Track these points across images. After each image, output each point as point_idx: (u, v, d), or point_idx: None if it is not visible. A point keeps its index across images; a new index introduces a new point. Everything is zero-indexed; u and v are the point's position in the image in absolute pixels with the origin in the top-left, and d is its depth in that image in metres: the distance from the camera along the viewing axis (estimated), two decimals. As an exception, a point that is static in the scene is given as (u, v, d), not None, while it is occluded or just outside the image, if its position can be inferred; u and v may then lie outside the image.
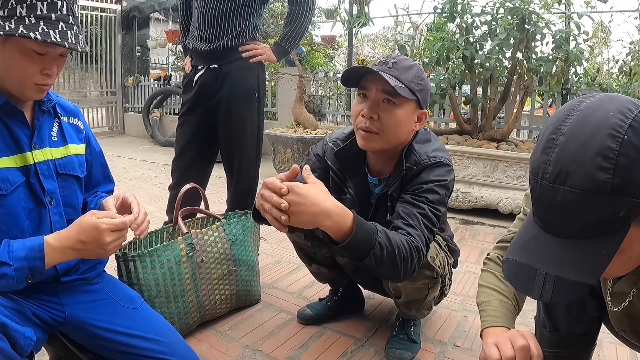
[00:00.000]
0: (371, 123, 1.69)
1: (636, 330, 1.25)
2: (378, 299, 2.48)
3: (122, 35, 9.63)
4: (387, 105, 1.67)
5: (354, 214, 1.40)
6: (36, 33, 1.28)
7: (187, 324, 2.06)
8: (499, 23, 4.31)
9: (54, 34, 1.31)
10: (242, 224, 2.25)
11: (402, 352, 1.98)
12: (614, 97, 0.89)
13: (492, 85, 4.59)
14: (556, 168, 0.85)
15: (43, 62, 1.35)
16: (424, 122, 1.79)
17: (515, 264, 0.96)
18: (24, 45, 1.30)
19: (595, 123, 0.84)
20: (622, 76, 5.43)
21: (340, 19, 6.60)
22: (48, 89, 1.44)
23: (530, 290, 0.93)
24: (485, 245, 3.46)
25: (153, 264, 1.90)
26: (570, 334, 1.48)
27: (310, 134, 5.49)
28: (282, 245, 3.29)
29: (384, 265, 1.45)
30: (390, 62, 1.67)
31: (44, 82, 1.38)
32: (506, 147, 4.37)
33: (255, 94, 2.72)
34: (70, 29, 1.35)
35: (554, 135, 0.87)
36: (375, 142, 1.73)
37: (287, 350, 2.04)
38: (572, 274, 0.87)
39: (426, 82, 1.73)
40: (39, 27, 1.29)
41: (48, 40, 1.29)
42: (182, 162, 2.81)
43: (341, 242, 1.38)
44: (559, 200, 0.85)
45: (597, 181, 0.80)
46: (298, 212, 1.30)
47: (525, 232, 0.98)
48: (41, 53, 1.33)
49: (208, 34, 2.63)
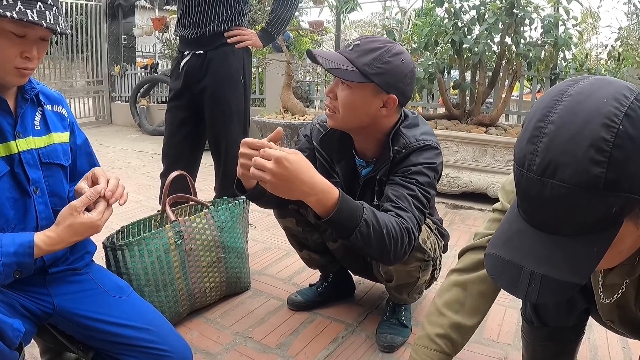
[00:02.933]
0: (330, 102, 1.71)
1: (625, 321, 1.24)
2: (368, 284, 2.48)
3: (107, 24, 9.53)
4: (343, 87, 1.67)
5: (340, 191, 1.39)
6: (12, 12, 1.22)
7: (177, 312, 2.05)
8: (487, 8, 4.30)
9: (31, 14, 1.25)
10: (231, 210, 2.24)
11: (393, 336, 1.99)
12: (607, 81, 0.81)
13: (481, 70, 4.59)
14: (544, 160, 0.77)
15: (22, 45, 1.31)
16: (394, 107, 1.71)
17: (499, 261, 0.89)
18: (1, 27, 1.26)
19: (588, 111, 0.76)
20: (611, 61, 5.45)
21: (327, 4, 6.57)
22: (29, 73, 1.39)
23: (515, 290, 0.86)
24: (475, 230, 3.45)
25: (141, 253, 1.88)
26: (558, 328, 1.48)
27: (298, 119, 5.47)
28: (272, 232, 3.28)
29: (372, 245, 1.44)
30: (352, 45, 1.66)
31: (24, 65, 1.33)
32: (495, 131, 4.37)
33: (241, 79, 2.70)
34: (49, 9, 1.30)
35: (542, 123, 0.79)
36: (334, 121, 1.74)
37: (278, 337, 2.03)
38: (560, 273, 0.81)
39: (392, 65, 1.63)
40: (15, 6, 1.23)
41: (25, 19, 1.24)
42: (171, 149, 2.78)
43: (325, 218, 1.38)
44: (546, 194, 0.77)
45: (589, 175, 0.73)
46: (283, 185, 1.29)
47: (509, 225, 0.90)
48: (20, 35, 1.29)
49: (194, 20, 2.60)
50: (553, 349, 1.54)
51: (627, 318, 1.22)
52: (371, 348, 1.98)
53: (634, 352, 1.95)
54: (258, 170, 1.29)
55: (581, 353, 1.70)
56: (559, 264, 0.81)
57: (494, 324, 2.15)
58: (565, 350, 1.57)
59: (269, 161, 1.27)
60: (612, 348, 1.99)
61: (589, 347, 1.98)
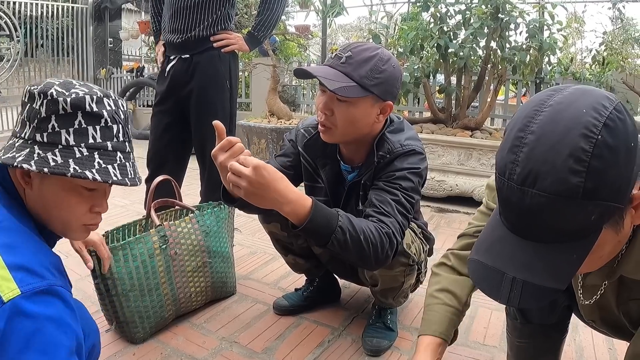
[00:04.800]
0: (326, 118, 1.68)
1: (606, 321, 1.26)
2: (354, 288, 2.48)
3: (93, 27, 9.47)
4: (341, 103, 1.64)
5: (314, 199, 1.40)
6: (93, 171, 1.04)
7: (162, 317, 2.03)
8: (473, 12, 4.33)
9: (114, 170, 1.08)
10: (216, 215, 2.23)
11: (379, 340, 1.99)
12: (586, 91, 0.83)
13: (466, 74, 4.62)
14: (525, 169, 0.79)
15: (92, 199, 1.13)
16: (389, 112, 1.74)
17: (482, 267, 0.91)
18: (72, 181, 1.07)
19: (568, 121, 0.78)
20: (595, 65, 5.51)
21: (314, 8, 6.59)
22: (96, 228, 1.22)
23: (497, 295, 0.88)
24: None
25: (126, 258, 1.87)
26: (542, 326, 1.49)
27: (284, 124, 5.47)
28: (257, 236, 3.28)
29: (351, 251, 1.45)
30: (344, 57, 1.61)
31: (94, 222, 1.17)
32: (480, 135, 4.40)
33: (227, 83, 2.69)
34: (128, 159, 1.13)
35: (522, 133, 0.81)
36: (331, 136, 1.72)
37: (264, 342, 2.03)
38: (540, 279, 0.83)
39: (387, 73, 1.64)
40: (94, 161, 1.05)
41: (110, 182, 1.06)
42: (156, 154, 2.77)
43: (299, 226, 1.38)
44: (527, 203, 0.80)
45: (568, 185, 0.75)
46: (258, 194, 1.30)
47: (492, 232, 0.93)
48: (91, 189, 1.12)
49: (180, 25, 2.59)
50: (537, 347, 1.55)
51: (609, 319, 1.24)
52: (357, 352, 1.98)
53: (620, 353, 1.96)
54: (234, 176, 1.29)
55: (567, 354, 1.71)
56: (540, 270, 0.83)
57: (480, 326, 2.16)
58: (549, 349, 1.58)
59: (247, 168, 1.28)
60: (597, 349, 2.00)
61: (575, 348, 1.99)
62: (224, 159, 1.35)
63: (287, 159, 1.95)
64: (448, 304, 1.35)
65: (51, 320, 0.94)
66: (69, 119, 1.04)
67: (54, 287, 0.97)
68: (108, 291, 1.86)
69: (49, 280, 0.96)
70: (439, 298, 1.37)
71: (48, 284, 0.96)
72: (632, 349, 1.10)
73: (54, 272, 1.00)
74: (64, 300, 0.98)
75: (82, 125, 1.05)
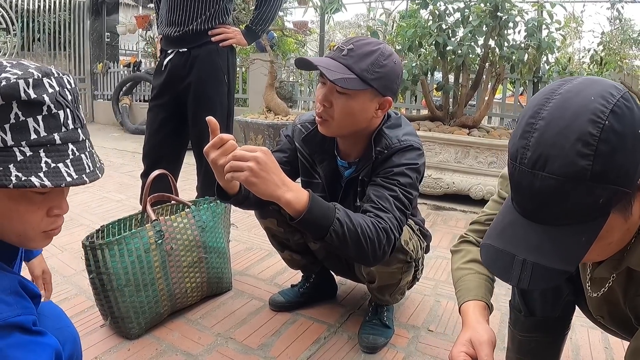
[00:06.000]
0: (324, 110, 1.68)
1: (614, 317, 1.26)
2: (350, 285, 2.48)
3: (91, 21, 9.47)
4: (340, 95, 1.63)
5: (310, 192, 1.41)
6: (40, 175, 0.84)
7: (158, 312, 2.02)
8: (471, 10, 4.33)
9: (66, 169, 0.88)
10: (212, 210, 2.22)
11: (375, 337, 1.98)
12: (595, 80, 0.86)
13: (464, 73, 4.61)
14: (535, 153, 0.83)
15: (48, 201, 0.94)
16: (388, 108, 1.73)
17: (493, 250, 0.94)
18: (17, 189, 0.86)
19: (576, 107, 0.81)
20: (593, 65, 5.51)
21: (312, 4, 6.57)
22: (58, 232, 1.02)
23: (508, 277, 0.91)
24: (457, 231, 3.48)
25: (121, 252, 1.85)
26: (545, 318, 1.49)
27: (281, 120, 5.47)
28: (254, 232, 3.27)
29: (349, 245, 1.45)
30: (346, 49, 1.61)
31: (54, 226, 0.98)
32: (478, 133, 4.40)
33: (224, 77, 2.67)
34: (83, 149, 0.93)
35: (533, 119, 0.85)
36: (328, 128, 1.72)
37: (260, 338, 2.02)
38: (550, 261, 0.86)
39: (388, 68, 1.63)
40: (40, 162, 0.85)
41: (63, 185, 0.87)
42: (152, 148, 2.75)
43: (298, 218, 1.38)
44: (537, 186, 0.83)
45: (576, 167, 0.78)
46: (262, 176, 1.31)
47: (503, 217, 0.96)
48: (43, 192, 0.92)
49: (177, 18, 2.57)
50: (539, 341, 1.55)
51: (617, 315, 1.24)
52: (353, 349, 1.97)
53: (616, 352, 1.96)
54: (237, 161, 1.30)
55: (563, 353, 1.70)
56: (549, 252, 0.86)
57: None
58: (551, 344, 1.57)
59: (253, 153, 1.30)
60: (594, 348, 2.00)
61: (571, 347, 1.99)
62: (215, 156, 1.35)
63: (284, 155, 1.94)
64: (480, 272, 1.35)
65: (15, 347, 0.86)
66: (2, 112, 0.83)
67: (8, 321, 0.85)
68: (103, 286, 1.85)
69: (1, 315, 0.84)
70: (470, 268, 1.36)
71: (2, 320, 0.84)
72: (634, 343, 1.10)
73: (9, 299, 0.88)
74: (25, 329, 0.88)
75: (20, 118, 0.83)
